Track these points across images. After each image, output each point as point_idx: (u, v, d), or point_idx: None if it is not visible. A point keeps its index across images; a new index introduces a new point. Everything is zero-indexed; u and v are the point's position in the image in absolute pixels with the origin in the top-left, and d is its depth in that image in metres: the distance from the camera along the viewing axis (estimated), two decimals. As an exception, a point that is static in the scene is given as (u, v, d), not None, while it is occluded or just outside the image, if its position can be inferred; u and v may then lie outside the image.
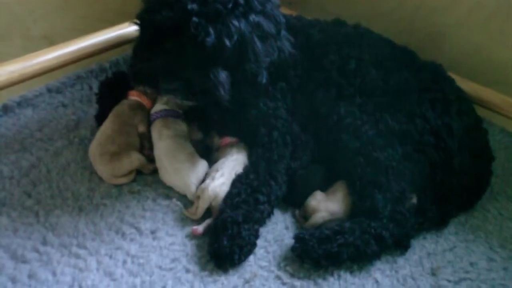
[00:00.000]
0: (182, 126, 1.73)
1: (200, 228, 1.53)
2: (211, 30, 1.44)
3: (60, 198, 1.60)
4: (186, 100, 1.58)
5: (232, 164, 1.66)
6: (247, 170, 1.63)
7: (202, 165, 1.67)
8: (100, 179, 1.67)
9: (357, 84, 1.72)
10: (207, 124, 1.75)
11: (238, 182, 1.60)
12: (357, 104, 1.69)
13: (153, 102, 1.78)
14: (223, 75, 1.50)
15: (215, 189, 1.58)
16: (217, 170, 1.64)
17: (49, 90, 1.94)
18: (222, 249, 1.47)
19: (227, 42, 1.47)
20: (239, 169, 1.67)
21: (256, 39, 1.54)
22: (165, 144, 1.68)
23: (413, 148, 1.65)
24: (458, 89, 1.78)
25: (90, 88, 2.00)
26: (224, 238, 1.48)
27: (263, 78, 1.58)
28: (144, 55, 1.53)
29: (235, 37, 1.48)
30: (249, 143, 1.72)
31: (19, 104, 1.88)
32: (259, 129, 1.69)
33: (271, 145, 1.67)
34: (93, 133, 1.80)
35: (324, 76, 1.74)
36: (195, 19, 1.42)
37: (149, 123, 1.75)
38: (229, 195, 1.58)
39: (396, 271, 1.55)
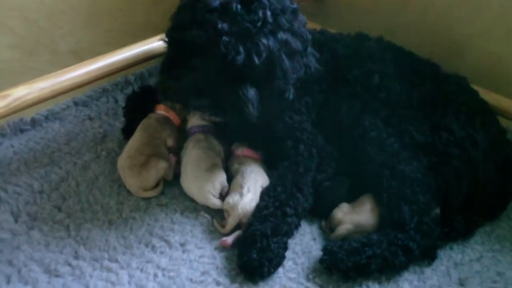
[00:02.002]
0: (217, 144, 1.74)
1: (229, 240, 1.54)
2: (241, 49, 1.46)
3: (90, 211, 1.61)
4: (214, 116, 1.58)
5: (254, 177, 1.67)
6: (274, 183, 1.64)
7: (220, 176, 1.68)
8: (129, 192, 1.68)
9: (381, 98, 1.73)
10: (233, 137, 1.75)
11: (265, 195, 1.61)
12: (381, 117, 1.69)
13: (181, 117, 1.78)
14: (251, 92, 1.51)
15: (245, 207, 1.60)
16: (241, 186, 1.64)
17: (76, 104, 1.96)
18: (251, 262, 1.48)
19: (256, 60, 1.48)
20: (261, 180, 1.68)
21: (284, 57, 1.55)
22: (196, 153, 1.70)
23: (438, 160, 1.65)
24: (482, 101, 1.78)
25: (116, 101, 2.01)
26: (253, 251, 1.49)
27: (290, 95, 1.59)
28: (173, 71, 1.55)
29: (264, 55, 1.49)
30: (276, 156, 1.71)
31: (46, 117, 1.90)
32: (286, 142, 1.70)
33: (297, 158, 1.68)
34: (120, 146, 1.81)
35: (348, 91, 1.75)
36: (225, 38, 1.44)
37: (177, 138, 1.74)
38: (257, 208, 1.59)
39: (424, 282, 1.55)
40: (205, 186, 1.65)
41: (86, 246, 1.53)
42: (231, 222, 1.58)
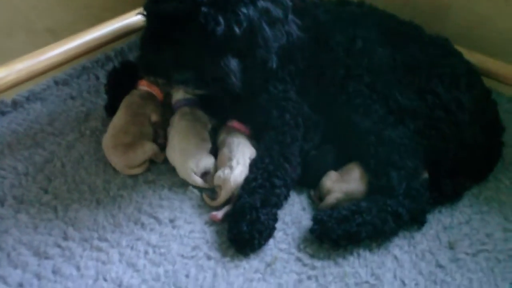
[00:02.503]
0: (203, 115, 1.72)
1: (219, 214, 1.54)
2: (221, 19, 1.44)
3: (77, 192, 1.60)
4: (197, 89, 1.56)
5: (241, 149, 1.66)
6: (261, 155, 1.63)
7: (206, 158, 1.67)
8: (115, 170, 1.67)
9: (364, 63, 1.71)
10: (217, 110, 1.73)
11: (253, 167, 1.60)
12: (365, 83, 1.68)
13: (164, 92, 1.76)
14: (234, 63, 1.49)
15: (237, 179, 1.59)
16: (230, 159, 1.62)
17: (56, 83, 1.93)
18: (242, 235, 1.48)
19: (237, 30, 1.47)
20: (248, 152, 1.67)
21: (264, 25, 1.53)
22: (183, 124, 1.69)
23: (424, 124, 1.64)
24: (466, 62, 1.77)
25: (97, 78, 1.98)
26: (243, 224, 1.48)
27: (273, 63, 1.58)
28: (152, 46, 1.52)
29: (245, 25, 1.47)
30: (262, 127, 1.70)
31: (27, 98, 1.87)
32: (271, 113, 1.68)
33: (283, 128, 1.67)
34: (104, 124, 1.79)
35: (331, 57, 1.73)
36: (204, 9, 1.42)
37: (161, 112, 1.72)
38: (246, 181, 1.58)
39: (414, 247, 1.56)
40: (189, 163, 1.64)
41: (75, 226, 1.51)
42: (223, 195, 1.57)
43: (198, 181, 1.63)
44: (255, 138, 1.73)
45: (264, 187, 1.55)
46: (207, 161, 1.67)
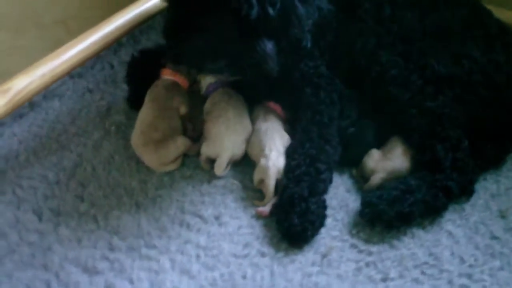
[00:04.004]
0: (238, 95, 1.65)
1: (266, 209, 1.46)
2: (254, 1, 1.33)
3: (114, 196, 1.51)
4: (233, 76, 1.45)
5: (270, 135, 1.58)
6: (300, 139, 1.55)
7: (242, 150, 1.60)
8: (148, 168, 1.57)
9: (394, 30, 1.61)
10: (250, 93, 1.63)
11: (295, 153, 1.52)
12: (399, 52, 1.58)
13: (190, 79, 1.64)
14: (269, 46, 1.41)
15: (276, 164, 1.51)
16: (262, 149, 1.55)
17: (71, 77, 1.80)
18: (294, 228, 1.41)
19: (271, 11, 1.37)
20: (278, 136, 1.59)
21: (297, 3, 1.43)
22: (234, 104, 1.62)
23: (462, 90, 1.57)
24: (497, 21, 1.68)
25: (112, 66, 1.87)
26: (294, 216, 1.41)
27: (308, 42, 1.49)
28: (181, 34, 1.41)
29: (278, 5, 1.38)
30: (296, 108, 1.63)
31: (44, 97, 1.76)
32: (304, 91, 1.60)
33: (319, 107, 1.59)
34: (128, 118, 1.69)
35: (360, 27, 1.63)
36: None
37: (189, 104, 1.61)
38: (289, 169, 1.50)
39: (466, 219, 1.50)
40: (235, 147, 1.60)
41: (119, 235, 1.42)
42: (269, 185, 1.49)
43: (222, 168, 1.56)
44: (290, 122, 1.62)
45: (309, 174, 1.47)
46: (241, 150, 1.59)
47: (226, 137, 1.55)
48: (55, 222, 1.45)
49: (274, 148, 1.53)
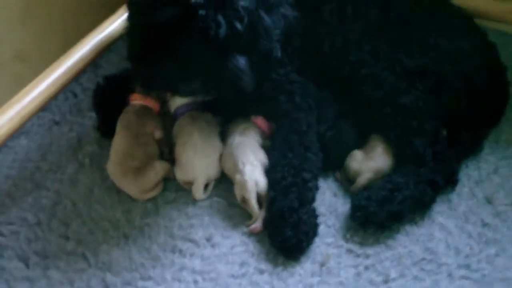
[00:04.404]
0: (210, 117, 1.60)
1: (257, 225, 1.44)
2: (221, 19, 1.30)
3: (100, 230, 1.46)
4: (207, 96, 1.42)
5: (241, 150, 1.55)
6: (281, 149, 1.53)
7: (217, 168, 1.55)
8: (130, 197, 1.52)
9: (359, 28, 1.59)
10: (227, 110, 1.60)
11: (278, 165, 1.50)
12: (367, 51, 1.56)
13: (160, 101, 1.59)
14: (242, 61, 1.38)
15: (251, 177, 1.48)
16: (235, 164, 1.52)
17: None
18: (288, 241, 1.40)
19: (239, 27, 1.35)
20: (250, 150, 1.56)
21: (263, 14, 1.41)
22: (199, 126, 1.56)
23: (434, 82, 1.56)
24: (457, 8, 1.69)
25: (75, 95, 1.80)
26: (286, 229, 1.39)
27: (278, 52, 1.46)
28: (148, 58, 1.35)
29: (246, 19, 1.35)
30: (273, 117, 1.60)
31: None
32: (279, 99, 1.58)
33: (297, 114, 1.57)
34: (100, 147, 1.64)
35: (326, 28, 1.61)
36: (202, 11, 1.29)
37: (163, 126, 1.57)
38: (275, 181, 1.47)
39: (455, 210, 1.52)
40: (207, 171, 1.56)
41: (112, 271, 1.39)
42: (250, 198, 1.46)
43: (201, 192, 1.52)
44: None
45: (296, 185, 1.46)
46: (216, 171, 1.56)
47: (196, 161, 1.51)
48: (43, 266, 1.40)
49: (247, 162, 1.51)
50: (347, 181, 1.55)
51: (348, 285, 1.35)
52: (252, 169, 1.48)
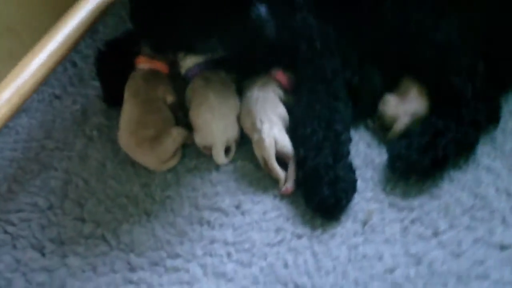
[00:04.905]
0: (225, 76, 1.45)
1: (289, 185, 1.30)
2: None
3: (118, 208, 1.32)
4: (226, 52, 1.26)
5: (260, 105, 1.41)
6: (308, 101, 1.38)
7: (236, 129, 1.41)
8: (146, 168, 1.37)
9: None
10: (241, 67, 1.46)
11: (305, 119, 1.35)
12: None
13: (169, 62, 1.43)
14: (263, 10, 1.22)
15: (269, 135, 1.34)
16: (253, 122, 1.38)
17: (33, 86, 1.54)
18: (326, 201, 1.26)
19: None
20: (270, 106, 1.41)
21: None
22: (214, 87, 1.42)
23: (464, 6, 1.41)
24: None
25: (74, 64, 1.64)
26: (323, 188, 1.26)
27: None
28: (157, 16, 1.19)
29: None
30: (294, 68, 1.46)
31: (8, 116, 1.49)
32: (299, 46, 1.43)
33: (320, 61, 1.42)
34: (108, 118, 1.49)
35: None
36: None
37: (174, 89, 1.42)
38: (305, 137, 1.33)
39: (501, 149, 1.37)
40: (226, 133, 1.40)
41: (136, 251, 1.24)
42: (270, 161, 1.33)
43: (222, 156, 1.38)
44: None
45: (328, 139, 1.32)
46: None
47: (213, 124, 1.37)
48: (61, 254, 1.27)
49: (266, 119, 1.36)
50: (382, 129, 1.39)
51: (395, 242, 1.22)
52: (271, 126, 1.35)
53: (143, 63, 1.43)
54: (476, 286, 1.14)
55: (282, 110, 1.40)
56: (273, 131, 1.34)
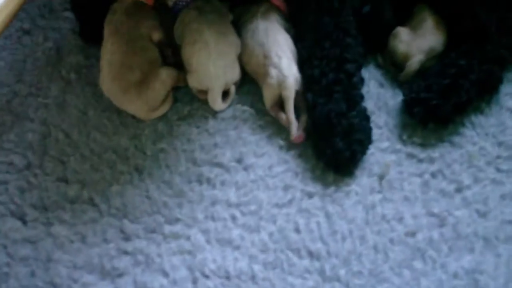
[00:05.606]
0: (218, 4, 1.22)
1: (300, 132, 1.12)
2: None
3: (105, 166, 1.12)
4: None
5: (272, 36, 1.20)
6: (315, 36, 1.16)
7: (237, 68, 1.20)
8: (135, 117, 1.16)
9: None
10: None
11: (313, 57, 1.14)
12: None
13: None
14: None
15: (291, 72, 1.15)
16: (267, 56, 1.17)
17: (-4, 19, 1.28)
18: (340, 154, 1.08)
19: None
20: (282, 37, 1.21)
21: None
22: (208, 19, 1.19)
23: None
24: None
25: (42, -8, 1.34)
26: (337, 139, 1.08)
27: None
28: None
29: None
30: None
31: (-29, 55, 1.25)
32: None
33: None
34: (86, 56, 1.27)
35: None
36: None
37: (161, 23, 1.17)
38: (312, 80, 1.13)
39: (525, 87, 1.14)
40: (226, 74, 1.19)
41: (130, 216, 1.07)
42: (290, 104, 1.13)
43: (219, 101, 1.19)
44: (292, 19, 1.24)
45: (340, 82, 1.12)
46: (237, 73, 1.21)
47: (211, 65, 1.15)
48: (45, 222, 1.08)
49: (283, 54, 1.15)
50: (393, 66, 1.18)
51: (415, 200, 1.07)
52: (289, 63, 1.15)
53: (125, -6, 1.16)
54: (505, 249, 0.98)
55: (291, 42, 1.20)
56: (293, 68, 1.14)
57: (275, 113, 1.12)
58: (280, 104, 1.14)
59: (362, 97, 1.12)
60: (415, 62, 1.16)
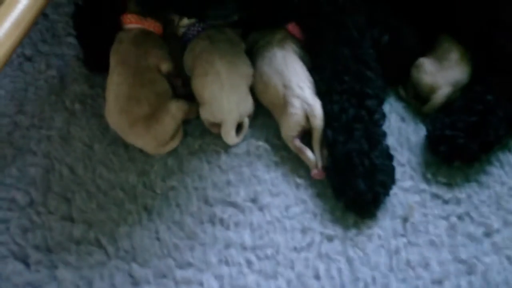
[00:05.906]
0: (231, 33, 1.17)
1: (320, 167, 1.07)
2: None
3: (112, 204, 1.06)
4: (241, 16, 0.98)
5: (291, 65, 1.15)
6: (333, 69, 1.09)
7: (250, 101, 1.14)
8: (142, 151, 1.10)
9: None
10: (251, 22, 1.16)
11: (332, 92, 1.09)
12: None
13: (162, 22, 1.13)
14: None
15: (317, 101, 1.11)
16: (287, 85, 1.11)
17: (-3, 45, 1.22)
18: (362, 196, 1.03)
19: None
20: (300, 66, 1.16)
21: None
22: (220, 49, 1.13)
23: None
24: None
25: (46, 16, 1.30)
26: (358, 181, 1.01)
27: None
28: None
29: None
30: (312, 26, 1.18)
31: (-30, 84, 1.19)
32: (319, 1, 1.13)
33: (342, 18, 1.13)
34: (91, 85, 1.20)
35: None
36: None
37: (171, 53, 1.12)
38: (332, 116, 1.08)
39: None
40: (240, 107, 1.13)
41: (139, 260, 1.00)
42: (318, 134, 1.08)
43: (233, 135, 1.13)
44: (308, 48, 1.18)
45: (361, 119, 1.06)
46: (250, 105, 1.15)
47: (223, 97, 1.09)
48: (49, 264, 1.02)
49: (304, 84, 1.10)
50: (416, 100, 1.12)
51: (442, 244, 1.02)
52: (312, 94, 1.11)
53: (132, 23, 1.12)
54: (539, 299, 0.91)
55: (308, 73, 1.15)
56: (316, 101, 1.09)
57: (297, 146, 1.06)
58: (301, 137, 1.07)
59: (384, 135, 1.06)
60: (441, 95, 1.11)
